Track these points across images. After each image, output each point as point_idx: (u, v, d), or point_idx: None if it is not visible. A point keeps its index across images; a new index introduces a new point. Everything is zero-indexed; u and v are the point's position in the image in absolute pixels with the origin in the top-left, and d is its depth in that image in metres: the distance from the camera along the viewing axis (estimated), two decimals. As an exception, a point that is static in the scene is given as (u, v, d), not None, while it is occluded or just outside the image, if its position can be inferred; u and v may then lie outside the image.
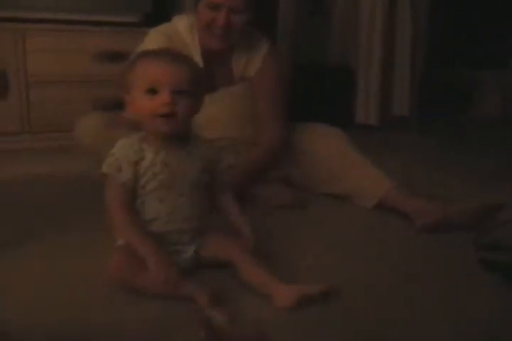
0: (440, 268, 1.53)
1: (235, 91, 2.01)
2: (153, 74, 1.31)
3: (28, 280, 1.39)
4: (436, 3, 3.51)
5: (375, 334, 1.21)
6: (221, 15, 1.84)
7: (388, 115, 3.32)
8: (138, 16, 2.68)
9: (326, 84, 3.20)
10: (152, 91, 1.30)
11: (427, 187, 2.15)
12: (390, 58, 3.27)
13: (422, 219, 1.76)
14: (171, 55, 1.37)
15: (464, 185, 2.24)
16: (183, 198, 1.39)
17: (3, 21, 2.49)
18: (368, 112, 3.25)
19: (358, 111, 3.27)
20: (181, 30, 1.98)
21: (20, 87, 2.55)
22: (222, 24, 1.85)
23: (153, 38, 1.97)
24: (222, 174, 1.50)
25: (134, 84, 1.33)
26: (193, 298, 1.26)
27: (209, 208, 1.46)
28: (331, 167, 1.97)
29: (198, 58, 1.92)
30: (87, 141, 1.88)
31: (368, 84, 3.25)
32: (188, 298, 1.26)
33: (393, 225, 1.82)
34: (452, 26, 4.04)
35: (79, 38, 2.60)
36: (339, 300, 1.32)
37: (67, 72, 2.60)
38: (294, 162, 2.01)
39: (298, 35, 3.33)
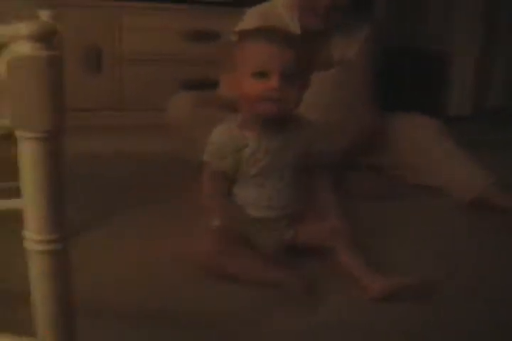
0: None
1: (332, 76, 1.96)
2: (264, 57, 1.27)
3: (115, 259, 1.39)
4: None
5: (474, 334, 1.15)
6: None
7: (483, 105, 3.19)
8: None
9: (418, 70, 3.09)
10: (261, 74, 1.27)
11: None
12: (490, 43, 3.11)
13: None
14: (282, 37, 1.33)
15: None
16: (282, 183, 1.37)
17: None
18: (461, 102, 3.13)
19: (451, 101, 3.15)
20: (280, 9, 1.95)
21: (114, 64, 2.58)
22: (326, 2, 1.80)
23: (252, 18, 1.95)
24: (315, 158, 1.47)
25: (240, 64, 1.30)
26: (285, 286, 1.24)
27: (305, 193, 1.44)
28: (429, 157, 1.90)
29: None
30: (180, 121, 1.88)
31: (463, 71, 3.11)
32: (281, 285, 1.24)
33: (490, 221, 1.74)
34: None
35: (172, 16, 2.60)
36: (431, 295, 1.27)
37: (160, 51, 2.61)
38: (388, 150, 1.96)
39: (390, 18, 3.22)
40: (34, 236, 0.67)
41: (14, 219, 0.73)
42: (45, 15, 1.28)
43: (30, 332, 0.74)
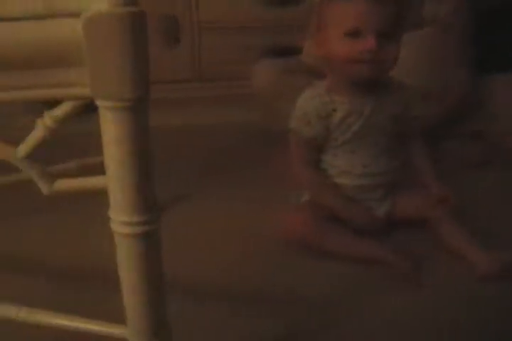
0: None
1: (424, 36, 1.82)
2: (358, 14, 1.14)
3: (201, 234, 1.33)
4: None
5: None
6: None
7: None
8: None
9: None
10: (354, 33, 1.16)
11: None
12: None
13: None
14: None
15: None
16: (377, 149, 1.26)
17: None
18: None
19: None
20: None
21: (192, 34, 2.51)
22: None
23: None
24: (412, 123, 1.35)
25: (329, 23, 1.18)
26: (387, 262, 1.15)
27: (403, 161, 1.33)
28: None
29: None
30: (264, 89, 1.80)
31: None
32: (382, 261, 1.15)
33: None
34: None
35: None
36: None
37: (239, 18, 2.52)
38: (493, 116, 1.80)
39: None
40: (120, 217, 0.60)
41: (99, 199, 0.66)
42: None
43: (121, 319, 0.69)
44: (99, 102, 0.56)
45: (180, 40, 2.50)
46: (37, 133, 0.73)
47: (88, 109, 0.70)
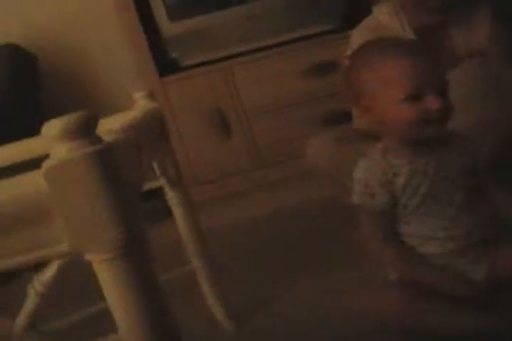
0: None
1: (466, 71, 1.69)
2: (415, 73, 1.05)
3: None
4: None
5: None
6: None
7: None
8: (335, 22, 2.49)
9: None
10: (415, 95, 1.07)
11: None
12: None
13: None
14: (415, 47, 1.13)
15: None
16: (453, 208, 1.13)
17: (211, 64, 2.49)
18: None
19: None
20: (385, 18, 1.75)
21: (242, 124, 2.50)
22: None
23: (359, 37, 1.75)
24: (486, 166, 1.21)
25: (377, 88, 1.10)
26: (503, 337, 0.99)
27: (495, 213, 1.18)
28: None
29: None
30: (322, 163, 1.71)
31: None
32: (498, 335, 0.99)
33: None
34: None
35: (284, 59, 2.49)
36: None
37: (282, 97, 2.50)
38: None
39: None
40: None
41: None
42: (140, 96, 1.20)
43: None
44: (85, 256, 0.49)
45: (232, 133, 2.49)
46: (30, 303, 0.67)
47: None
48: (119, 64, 2.80)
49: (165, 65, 2.51)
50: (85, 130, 0.47)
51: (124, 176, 0.50)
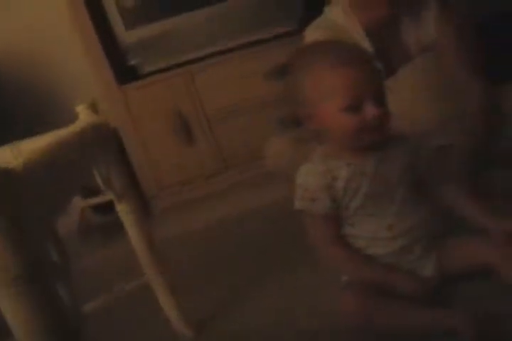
0: None
1: (417, 66, 1.70)
2: (354, 84, 1.06)
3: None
4: None
5: None
6: None
7: None
8: (294, 24, 2.49)
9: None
10: (353, 106, 1.08)
11: None
12: None
13: None
14: (351, 54, 1.12)
15: None
16: (396, 206, 1.14)
17: (170, 70, 2.50)
18: None
19: None
20: (335, 16, 1.76)
21: (204, 128, 2.50)
22: None
23: (312, 35, 1.77)
24: (431, 161, 1.22)
25: (318, 100, 1.10)
26: (455, 331, 0.99)
27: (436, 208, 1.19)
28: None
29: (364, 42, 1.67)
30: (281, 163, 1.71)
31: None
32: (450, 330, 0.99)
33: None
34: None
35: (246, 62, 2.49)
36: None
37: (243, 99, 2.50)
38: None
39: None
40: None
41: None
42: (81, 109, 1.18)
43: None
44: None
45: (194, 138, 2.49)
46: None
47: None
48: (77, 74, 2.77)
49: (124, 72, 2.50)
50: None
51: (27, 205, 0.49)
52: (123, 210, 1.20)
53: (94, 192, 2.39)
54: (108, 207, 2.11)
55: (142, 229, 1.23)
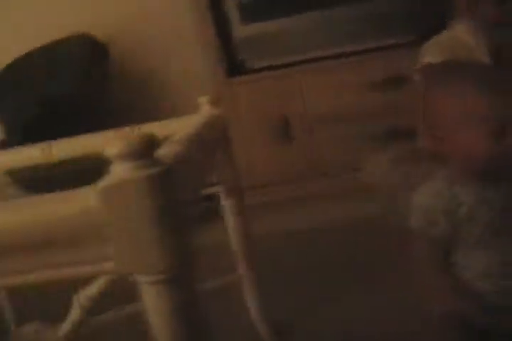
0: None
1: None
2: (495, 111, 1.01)
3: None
4: None
5: None
6: None
7: None
8: (409, 36, 2.44)
9: None
10: (497, 133, 1.03)
11: None
12: None
13: None
14: (493, 78, 1.08)
15: None
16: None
17: (279, 68, 2.48)
18: None
19: None
20: (462, 36, 1.71)
21: (303, 132, 2.49)
22: None
23: (432, 50, 1.73)
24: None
25: (457, 124, 1.06)
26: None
27: None
28: None
29: (487, 60, 1.62)
30: (378, 181, 1.68)
31: None
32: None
33: None
34: None
35: (354, 69, 2.46)
36: None
37: (347, 107, 2.46)
38: None
39: None
40: None
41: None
42: (204, 101, 1.19)
43: None
44: (133, 276, 0.49)
45: (295, 137, 2.48)
46: (74, 314, 0.67)
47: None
48: (188, 60, 2.82)
49: (233, 66, 2.52)
50: (147, 151, 0.47)
51: (180, 199, 0.49)
52: (228, 206, 1.20)
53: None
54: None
55: (243, 227, 1.23)
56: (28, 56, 3.03)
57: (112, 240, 0.47)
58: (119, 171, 0.47)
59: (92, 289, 0.66)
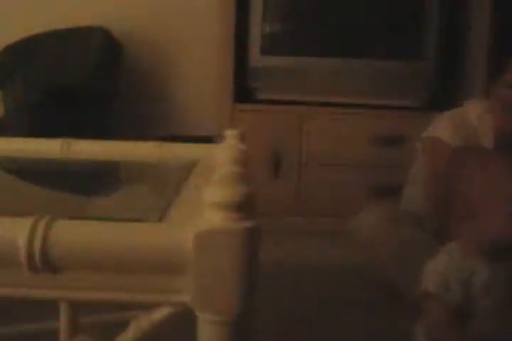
0: None
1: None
2: None
3: None
4: None
5: None
6: None
7: None
8: (419, 101, 2.54)
9: None
10: None
11: None
12: None
13: None
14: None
15: None
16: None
17: (286, 104, 2.54)
18: None
19: None
20: (471, 115, 1.80)
21: (293, 168, 2.54)
22: None
23: (442, 125, 1.82)
24: None
25: (482, 208, 1.15)
26: None
27: None
28: None
29: (488, 145, 1.71)
30: (365, 237, 1.75)
31: None
32: None
33: None
34: None
35: (357, 121, 2.54)
36: None
37: (342, 155, 2.54)
38: None
39: None
40: None
41: None
42: (232, 135, 1.23)
43: None
44: (198, 313, 0.53)
45: (283, 174, 2.53)
46: (129, 335, 0.70)
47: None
48: (199, 72, 2.88)
49: (242, 92, 2.57)
50: (245, 204, 0.51)
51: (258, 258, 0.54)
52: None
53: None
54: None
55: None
56: (41, 37, 3.03)
57: (193, 276, 0.51)
58: (217, 219, 0.51)
59: (155, 314, 0.69)
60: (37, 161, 1.29)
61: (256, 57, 2.54)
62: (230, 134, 1.23)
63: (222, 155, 1.04)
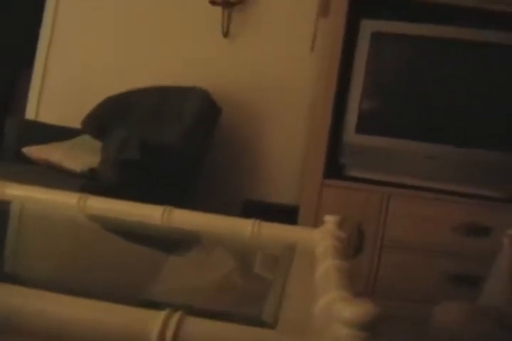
0: None
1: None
2: None
3: None
4: None
5: None
6: None
7: None
8: (509, 193, 2.49)
9: None
10: None
11: None
12: None
13: None
14: None
15: None
16: None
17: (373, 184, 2.55)
18: None
19: None
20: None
21: (374, 248, 2.51)
22: None
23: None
24: None
25: None
26: None
27: None
28: None
29: None
30: (448, 332, 1.69)
31: None
32: None
33: None
34: None
35: (442, 207, 2.50)
36: None
37: (424, 241, 2.49)
38: None
39: None
40: None
41: None
42: (330, 220, 1.25)
43: None
44: None
45: (362, 253, 2.50)
46: None
47: None
48: (290, 144, 2.93)
49: (330, 167, 2.59)
50: (375, 325, 0.52)
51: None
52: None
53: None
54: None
55: None
56: (142, 92, 3.16)
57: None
58: (343, 335, 0.52)
59: None
60: (141, 225, 1.34)
61: (350, 135, 2.57)
62: (330, 220, 1.25)
63: (324, 244, 1.05)
